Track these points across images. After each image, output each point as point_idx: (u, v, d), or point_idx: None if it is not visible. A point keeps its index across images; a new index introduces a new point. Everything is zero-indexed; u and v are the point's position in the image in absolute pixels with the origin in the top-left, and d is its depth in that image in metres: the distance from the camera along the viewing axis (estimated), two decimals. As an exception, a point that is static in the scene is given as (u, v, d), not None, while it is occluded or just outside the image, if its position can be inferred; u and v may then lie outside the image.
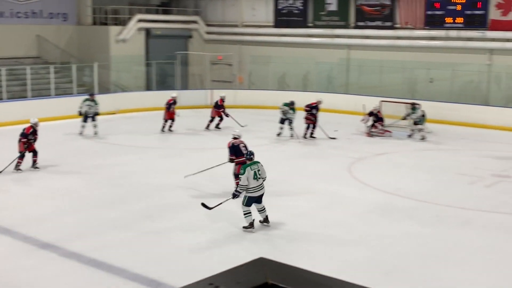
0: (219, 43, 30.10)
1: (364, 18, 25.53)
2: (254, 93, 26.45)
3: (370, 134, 19.35)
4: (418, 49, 24.13)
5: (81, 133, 18.69)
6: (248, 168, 10.21)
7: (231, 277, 3.06)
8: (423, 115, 19.12)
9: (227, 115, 20.33)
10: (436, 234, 10.39)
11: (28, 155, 14.38)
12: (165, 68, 28.24)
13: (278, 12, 28.22)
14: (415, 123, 18.93)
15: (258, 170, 10.28)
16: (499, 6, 22.05)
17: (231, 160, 12.35)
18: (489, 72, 22.56)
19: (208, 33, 30.55)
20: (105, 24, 27.75)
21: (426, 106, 20.24)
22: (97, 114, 18.72)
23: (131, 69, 27.36)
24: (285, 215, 11.27)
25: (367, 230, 10.57)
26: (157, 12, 29.78)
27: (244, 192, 10.22)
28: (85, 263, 8.97)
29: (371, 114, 19.47)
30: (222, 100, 20.55)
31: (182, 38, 30.13)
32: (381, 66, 24.47)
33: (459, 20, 22.89)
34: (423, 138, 18.66)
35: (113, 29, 27.16)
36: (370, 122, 19.49)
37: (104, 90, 24.91)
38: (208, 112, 20.94)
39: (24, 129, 14.38)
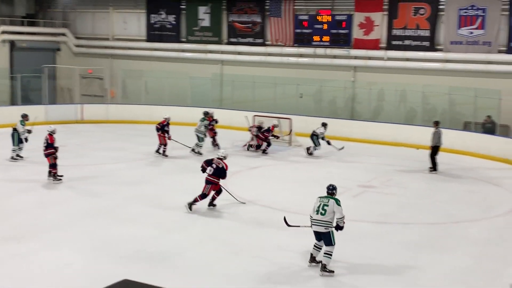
0: (89, 56, 29.36)
1: (236, 35, 26.08)
2: (126, 107, 25.99)
3: (249, 148, 19.65)
4: (288, 65, 25.06)
5: None
6: (318, 198, 9.57)
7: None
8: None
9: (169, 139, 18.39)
10: (308, 245, 10.78)
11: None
12: (32, 81, 27.00)
13: (150, 27, 28.05)
14: (321, 139, 19.18)
15: (325, 205, 9.34)
16: (361, 26, 23.48)
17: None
18: (354, 88, 23.89)
19: (78, 46, 29.71)
20: (-35, 34, 26.12)
21: (297, 120, 21.03)
22: None
23: (-6, 83, 25.91)
24: (162, 230, 11.21)
25: (243, 243, 10.74)
26: (22, 24, 28.47)
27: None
28: None
29: (258, 128, 19.71)
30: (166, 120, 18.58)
31: (49, 50, 29.08)
32: (254, 81, 25.05)
33: (326, 38, 24.07)
34: (311, 154, 19.21)
35: (-26, 41, 25.74)
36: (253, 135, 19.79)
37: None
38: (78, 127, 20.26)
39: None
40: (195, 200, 12.59)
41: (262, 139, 19.51)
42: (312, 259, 9.66)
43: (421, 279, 9.36)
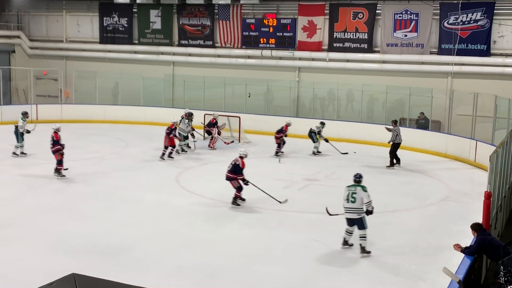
0: (43, 58, 28.60)
1: (187, 37, 25.86)
2: (80, 107, 25.42)
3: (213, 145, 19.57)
4: (237, 66, 24.99)
5: None
6: (346, 187, 9.98)
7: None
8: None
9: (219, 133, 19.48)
10: (256, 235, 10.80)
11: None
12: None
13: (103, 29, 27.51)
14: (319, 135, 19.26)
15: (354, 193, 9.74)
16: (304, 29, 23.63)
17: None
18: (298, 88, 24.03)
19: (32, 48, 28.89)
20: None
21: (245, 119, 21.01)
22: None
23: None
24: (114, 225, 10.99)
25: (193, 235, 10.66)
26: (-24, 26, 27.47)
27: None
28: None
29: (213, 125, 19.66)
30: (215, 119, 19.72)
31: (4, 52, 28.20)
32: (204, 81, 24.91)
33: (272, 41, 24.12)
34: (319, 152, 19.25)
35: None
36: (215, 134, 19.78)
37: None
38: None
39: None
40: (236, 196, 12.53)
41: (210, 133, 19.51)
42: (345, 242, 10.11)
43: (360, 265, 9.47)
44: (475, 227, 8.53)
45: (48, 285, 2.70)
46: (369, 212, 9.87)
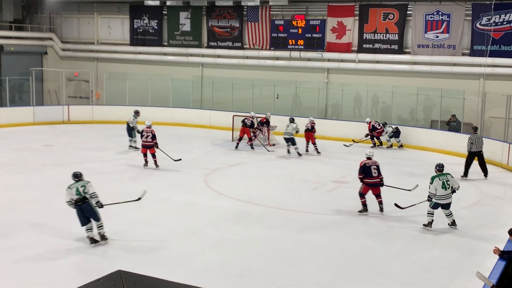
0: (75, 59, 29.06)
1: (216, 39, 25.97)
2: (111, 108, 25.74)
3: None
4: (265, 67, 25.02)
5: None
6: (437, 178, 11.05)
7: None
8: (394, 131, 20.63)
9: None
10: (284, 237, 10.76)
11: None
12: (19, 84, 26.62)
13: (134, 31, 27.81)
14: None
15: (447, 181, 11.04)
16: (333, 30, 23.51)
17: (360, 179, 12.15)
18: (327, 89, 23.92)
19: (64, 49, 29.38)
20: (-46, 39, 25.64)
21: (273, 120, 20.97)
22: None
23: (-18, 86, 25.50)
24: (144, 224, 11.08)
25: (221, 236, 10.67)
26: (10, 29, 28.01)
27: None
28: None
29: (263, 124, 20.13)
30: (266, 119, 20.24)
31: (37, 54, 28.71)
32: (232, 83, 24.99)
33: (300, 42, 24.07)
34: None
35: (-37, 45, 25.35)
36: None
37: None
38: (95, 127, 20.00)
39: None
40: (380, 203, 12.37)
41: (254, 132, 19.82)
42: (452, 223, 11.40)
43: (391, 269, 9.36)
44: (514, 231, 8.35)
45: (95, 281, 2.74)
46: (454, 192, 11.28)
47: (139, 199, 10.97)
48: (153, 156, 16.22)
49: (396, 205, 11.93)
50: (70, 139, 20.94)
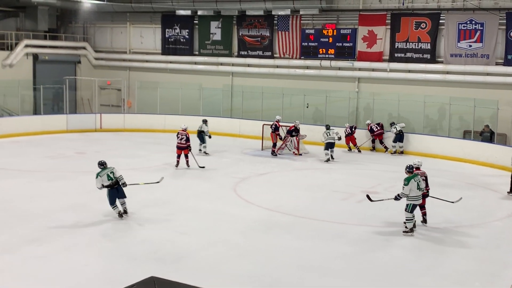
0: (107, 68, 29.52)
1: (246, 48, 26.07)
2: (142, 117, 26.03)
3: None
4: (295, 76, 24.99)
5: None
6: (412, 179, 11.30)
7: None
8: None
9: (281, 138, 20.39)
10: (313, 247, 10.67)
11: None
12: (54, 92, 27.15)
13: (165, 40, 28.12)
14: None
15: (419, 182, 11.37)
16: (364, 39, 23.37)
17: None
18: (358, 98, 23.76)
19: (97, 58, 29.89)
20: (-9, 49, 26.36)
21: (303, 129, 20.90)
22: None
23: (18, 94, 26.01)
24: (172, 233, 11.12)
25: (250, 246, 10.64)
26: (45, 38, 28.63)
27: (406, 199, 11.38)
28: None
29: (291, 133, 20.26)
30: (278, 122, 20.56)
31: (70, 63, 29.26)
32: (262, 92, 25.02)
33: (331, 51, 23.99)
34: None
35: (0, 54, 25.89)
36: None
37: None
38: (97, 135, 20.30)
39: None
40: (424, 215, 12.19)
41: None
42: (412, 229, 11.48)
43: (422, 281, 9.19)
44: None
45: (129, 287, 2.76)
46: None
47: (157, 182, 13.20)
48: (186, 156, 17.40)
49: (367, 196, 12.41)
50: (102, 146, 21.20)
